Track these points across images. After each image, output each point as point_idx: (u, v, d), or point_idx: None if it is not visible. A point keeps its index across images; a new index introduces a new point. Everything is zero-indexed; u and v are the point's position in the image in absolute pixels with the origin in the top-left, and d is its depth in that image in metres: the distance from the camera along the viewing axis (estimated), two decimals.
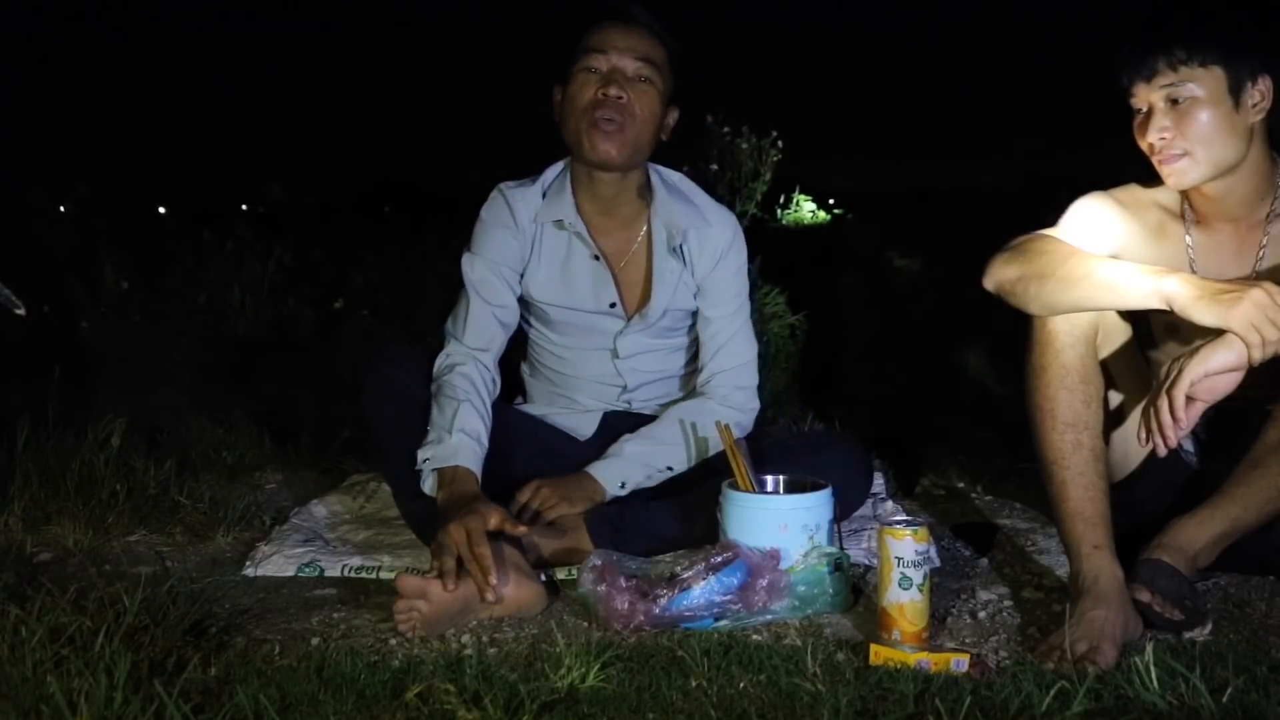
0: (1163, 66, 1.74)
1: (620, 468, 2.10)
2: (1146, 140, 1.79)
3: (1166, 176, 1.81)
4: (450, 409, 1.98)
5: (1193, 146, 1.77)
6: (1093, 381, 1.78)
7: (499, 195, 2.19)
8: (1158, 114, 1.77)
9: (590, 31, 2.10)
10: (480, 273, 2.15)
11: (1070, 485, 1.75)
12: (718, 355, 2.21)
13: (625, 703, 1.43)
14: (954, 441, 2.85)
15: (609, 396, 2.28)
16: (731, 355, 2.21)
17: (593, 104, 2.05)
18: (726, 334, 2.21)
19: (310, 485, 2.61)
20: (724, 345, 2.21)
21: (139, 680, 1.42)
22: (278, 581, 1.99)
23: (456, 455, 1.92)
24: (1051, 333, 1.77)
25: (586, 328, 2.22)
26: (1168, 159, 1.79)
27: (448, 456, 1.92)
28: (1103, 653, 1.52)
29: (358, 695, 1.43)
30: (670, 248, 2.18)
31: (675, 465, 2.14)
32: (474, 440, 1.95)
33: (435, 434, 1.96)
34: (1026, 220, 1.89)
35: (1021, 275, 1.77)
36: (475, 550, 1.73)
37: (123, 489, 2.28)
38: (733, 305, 2.22)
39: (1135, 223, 1.88)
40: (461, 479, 1.90)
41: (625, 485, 2.09)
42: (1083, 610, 1.61)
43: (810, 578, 1.78)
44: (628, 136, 2.07)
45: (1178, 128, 1.76)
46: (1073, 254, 1.76)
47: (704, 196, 2.25)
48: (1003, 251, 1.82)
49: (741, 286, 2.24)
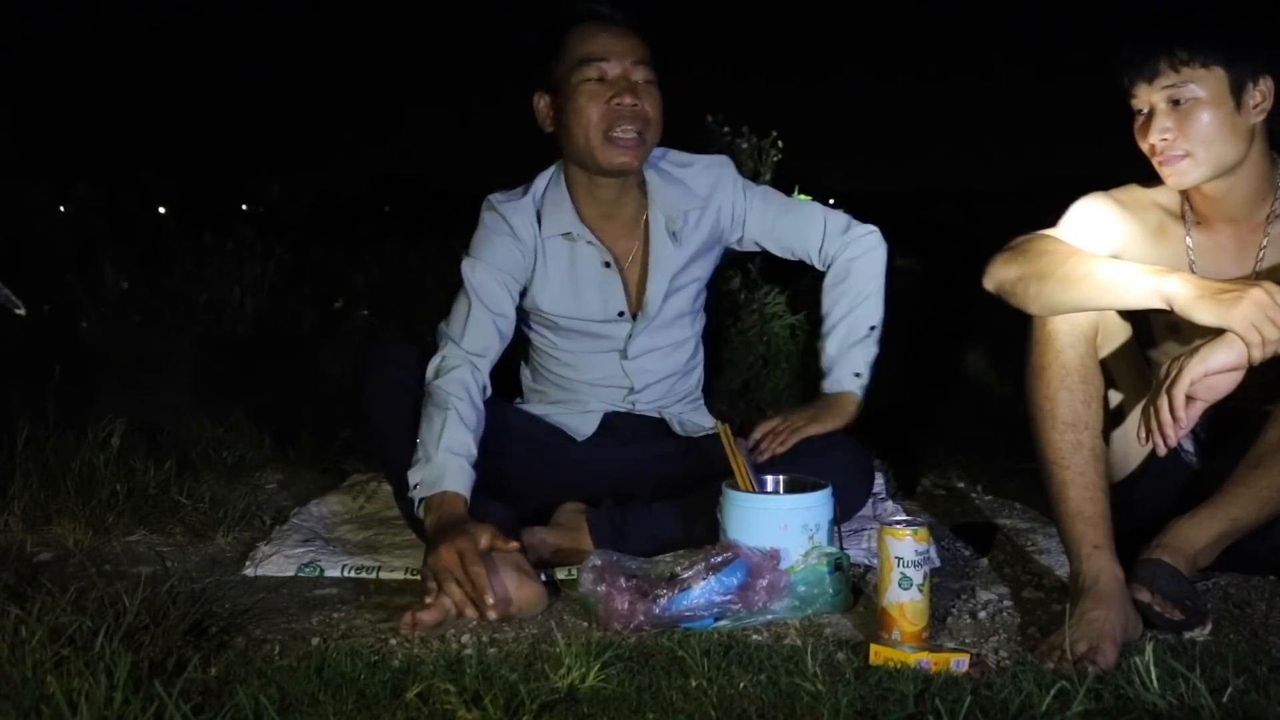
0: (1164, 67, 1.74)
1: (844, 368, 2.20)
2: (1148, 141, 1.80)
3: (1167, 177, 1.81)
4: (439, 421, 1.92)
5: (1194, 147, 1.77)
6: (1093, 381, 1.78)
7: (493, 207, 2.16)
8: (1159, 115, 1.77)
9: (577, 38, 2.06)
10: (481, 277, 2.11)
11: (1070, 485, 1.75)
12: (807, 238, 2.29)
13: (625, 703, 1.43)
14: (954, 441, 2.85)
15: (614, 399, 2.28)
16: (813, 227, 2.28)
17: (607, 116, 2.03)
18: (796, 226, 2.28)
19: (310, 485, 2.61)
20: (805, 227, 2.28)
21: (139, 680, 1.42)
22: (278, 581, 1.99)
23: (442, 480, 1.87)
24: (1051, 333, 1.77)
25: (595, 334, 2.22)
26: (1169, 160, 1.79)
27: (434, 482, 1.88)
28: (1103, 653, 1.52)
29: (358, 695, 1.43)
30: (669, 232, 2.18)
31: (874, 321, 2.24)
32: (461, 457, 1.90)
33: (423, 452, 1.91)
34: (1027, 220, 1.89)
35: (1021, 275, 1.77)
36: (469, 570, 1.72)
37: (123, 489, 2.28)
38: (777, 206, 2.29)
39: (1135, 223, 1.88)
40: (449, 504, 1.86)
41: (860, 375, 2.20)
42: (1083, 610, 1.61)
43: (810, 578, 1.78)
44: (646, 144, 2.08)
45: (1179, 129, 1.76)
46: (1073, 254, 1.76)
47: (699, 165, 2.25)
48: (1002, 252, 1.82)
49: (773, 195, 2.31)
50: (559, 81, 2.07)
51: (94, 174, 5.74)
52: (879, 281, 2.26)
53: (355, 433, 2.73)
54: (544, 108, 2.12)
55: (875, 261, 2.27)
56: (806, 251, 2.31)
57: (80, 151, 14.84)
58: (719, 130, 3.09)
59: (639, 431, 2.28)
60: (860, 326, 2.23)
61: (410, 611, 1.71)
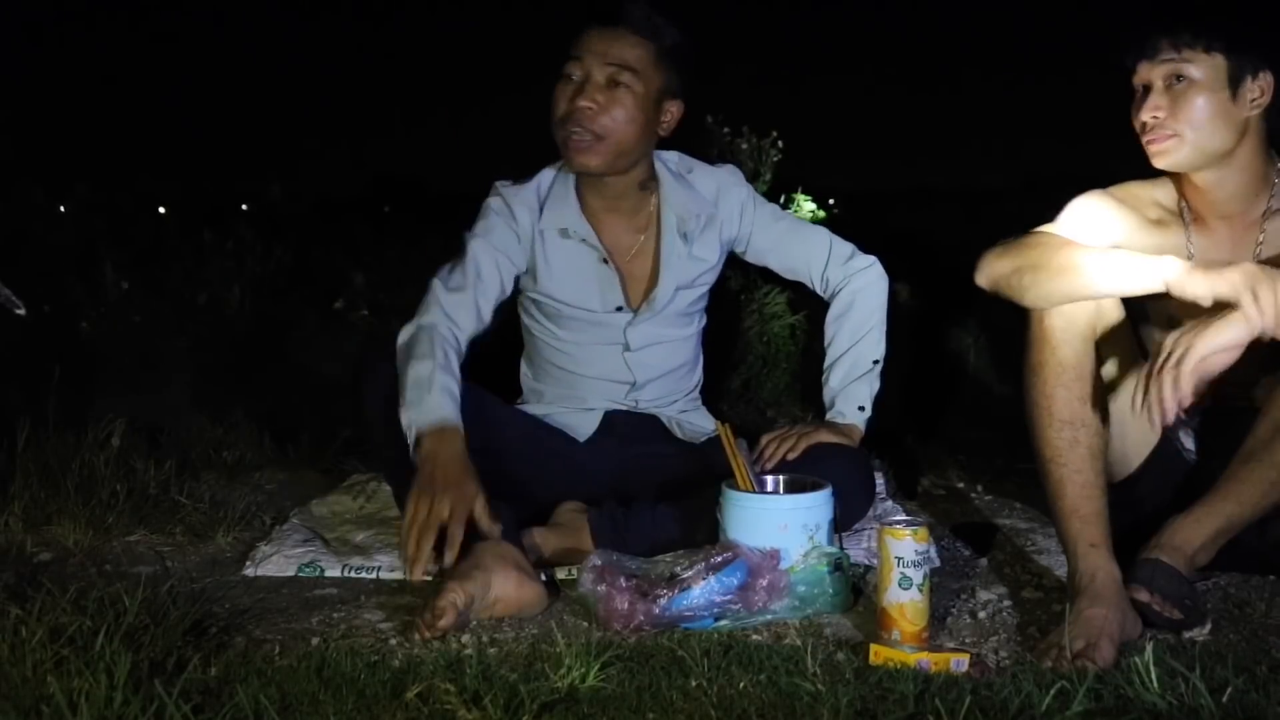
0: (1165, 45, 1.77)
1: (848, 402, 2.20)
2: (1139, 118, 1.81)
3: (1153, 156, 1.83)
4: (426, 369, 1.90)
5: (1182, 128, 1.78)
6: (1089, 379, 1.78)
7: (498, 193, 2.19)
8: (1154, 93, 1.79)
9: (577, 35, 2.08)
10: (479, 253, 2.11)
11: (1067, 483, 1.75)
12: (811, 261, 2.30)
13: (625, 703, 1.43)
14: (954, 441, 2.85)
15: (616, 395, 2.27)
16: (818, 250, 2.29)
17: (565, 116, 2.05)
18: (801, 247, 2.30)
19: (310, 485, 2.61)
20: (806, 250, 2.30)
21: (139, 680, 1.42)
22: (278, 581, 1.99)
23: (441, 408, 1.86)
24: (1048, 329, 1.77)
25: (596, 323, 2.22)
26: (1157, 139, 1.80)
27: (432, 409, 1.85)
28: (1100, 650, 1.52)
29: (358, 695, 1.43)
30: (681, 233, 2.19)
31: (877, 355, 2.24)
32: (453, 400, 1.89)
33: (413, 394, 1.88)
34: (1027, 220, 1.90)
35: (1015, 268, 1.78)
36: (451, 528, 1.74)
37: (123, 489, 2.27)
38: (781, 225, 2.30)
39: (1134, 219, 1.89)
40: (449, 441, 1.84)
41: (864, 409, 2.19)
42: (1080, 609, 1.61)
43: (810, 578, 1.78)
44: (606, 145, 2.06)
45: (1171, 108, 1.78)
46: (1065, 244, 1.77)
47: (703, 169, 2.28)
48: (995, 247, 1.84)
49: (772, 212, 2.32)
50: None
51: (94, 174, 5.74)
52: (881, 314, 2.26)
53: (355, 433, 2.72)
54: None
55: (878, 294, 2.28)
56: (809, 274, 2.32)
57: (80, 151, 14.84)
58: (719, 130, 3.10)
59: (640, 432, 2.28)
60: (864, 361, 2.23)
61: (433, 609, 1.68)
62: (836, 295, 2.29)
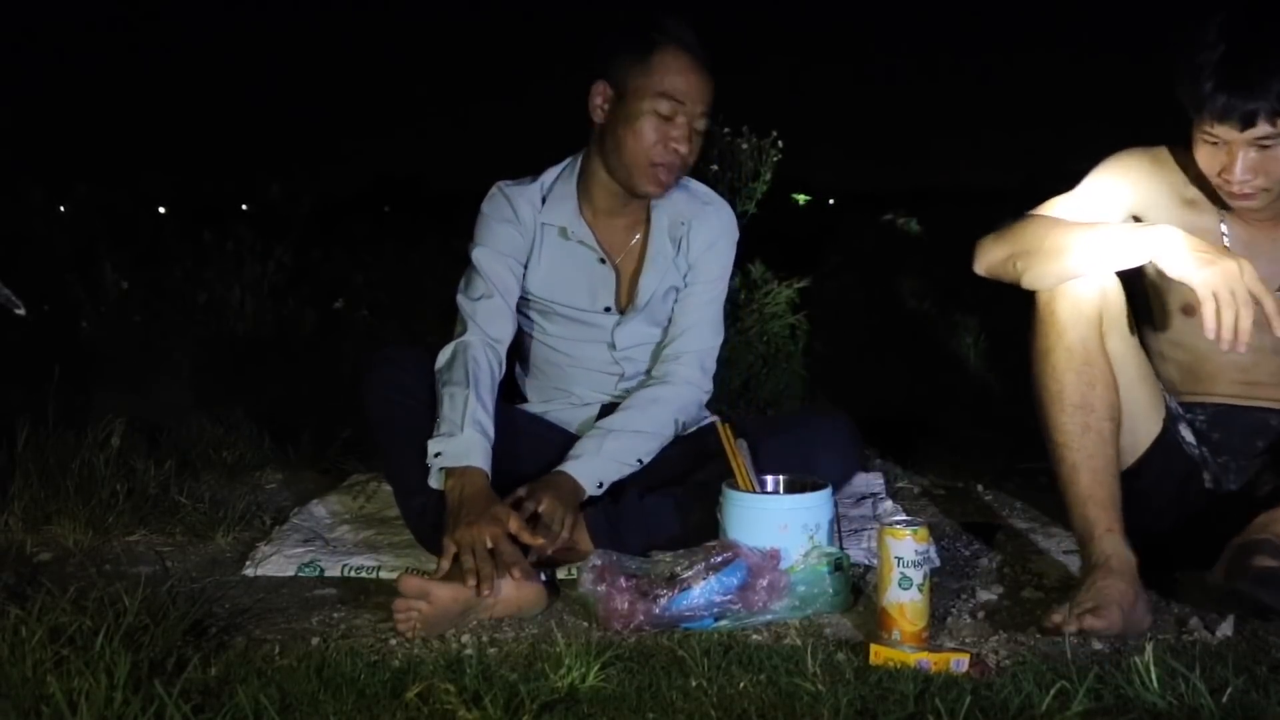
0: (1263, 120, 1.70)
1: (598, 467, 2.06)
2: (1225, 178, 1.77)
3: (1235, 205, 1.81)
4: (461, 399, 1.97)
5: (1272, 185, 1.76)
6: (1098, 364, 1.77)
7: (498, 192, 2.20)
8: (1243, 158, 1.73)
9: (665, 64, 2.04)
10: (493, 264, 2.16)
11: (1080, 469, 1.74)
12: (687, 334, 2.23)
13: (625, 703, 1.43)
14: (954, 441, 2.85)
15: (607, 386, 2.27)
16: (701, 337, 2.24)
17: (660, 152, 2.06)
18: (700, 315, 2.24)
19: (310, 485, 2.61)
20: (695, 325, 2.23)
21: (139, 680, 1.43)
22: (278, 581, 1.99)
23: (469, 454, 1.92)
24: (1055, 313, 1.77)
25: (582, 321, 2.23)
26: (1247, 196, 1.78)
27: (460, 455, 1.92)
28: (1107, 613, 1.52)
29: (358, 695, 1.44)
30: (671, 237, 2.21)
31: (644, 458, 2.12)
32: (484, 436, 1.96)
33: (447, 426, 1.95)
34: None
35: (1010, 253, 1.79)
36: (500, 547, 1.78)
37: (123, 489, 2.28)
38: (713, 290, 2.25)
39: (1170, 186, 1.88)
40: (473, 479, 1.90)
41: (603, 485, 2.06)
42: (1093, 580, 1.61)
43: (810, 578, 1.78)
44: (676, 180, 2.14)
45: (1261, 169, 1.74)
46: (1056, 224, 1.79)
47: (701, 187, 2.29)
48: (989, 235, 1.84)
49: (723, 274, 2.27)
50: (631, 91, 2.06)
51: (94, 174, 5.73)
52: (670, 433, 2.17)
53: (355, 433, 2.73)
54: (601, 100, 2.11)
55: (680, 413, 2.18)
56: (670, 332, 2.25)
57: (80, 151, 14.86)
58: (719, 130, 3.09)
59: None
60: (632, 455, 2.11)
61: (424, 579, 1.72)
62: (658, 380, 2.21)
